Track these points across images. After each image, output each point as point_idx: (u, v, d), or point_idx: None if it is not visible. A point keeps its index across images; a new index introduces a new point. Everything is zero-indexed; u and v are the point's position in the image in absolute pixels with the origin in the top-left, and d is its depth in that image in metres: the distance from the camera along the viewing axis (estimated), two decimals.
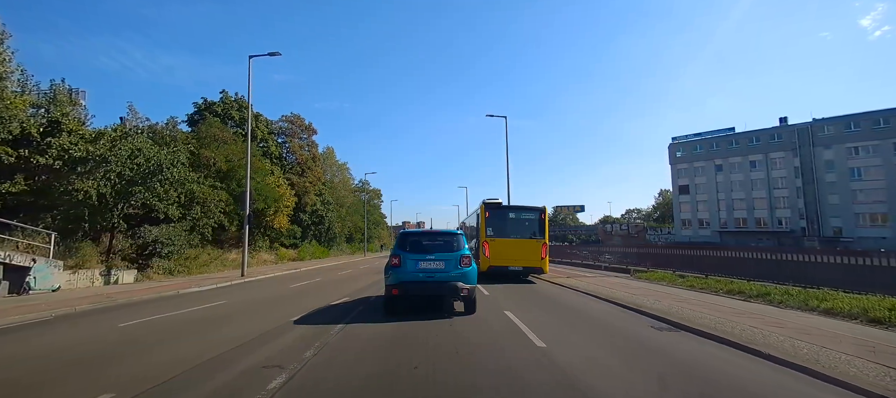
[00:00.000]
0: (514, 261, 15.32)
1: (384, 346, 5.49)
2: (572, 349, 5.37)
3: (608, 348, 5.46)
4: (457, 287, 7.52)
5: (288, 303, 9.73)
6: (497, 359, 4.88)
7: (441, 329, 6.54)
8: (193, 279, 16.43)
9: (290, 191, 30.54)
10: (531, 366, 4.49)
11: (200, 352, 5.15)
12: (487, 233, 15.75)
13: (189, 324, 7.43)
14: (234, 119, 30.56)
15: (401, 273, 7.59)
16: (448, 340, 5.77)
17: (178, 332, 6.69)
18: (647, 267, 18.23)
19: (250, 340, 5.84)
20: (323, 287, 13.55)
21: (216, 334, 6.47)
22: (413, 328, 6.66)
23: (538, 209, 16.31)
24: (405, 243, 8.02)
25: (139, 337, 6.39)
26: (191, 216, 21.01)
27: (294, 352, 5.11)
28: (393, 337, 6.09)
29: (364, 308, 8.79)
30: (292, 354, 5.02)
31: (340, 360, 4.78)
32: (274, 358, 4.87)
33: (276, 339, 5.91)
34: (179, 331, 6.77)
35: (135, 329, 6.98)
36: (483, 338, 6.02)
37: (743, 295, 9.69)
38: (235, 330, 6.71)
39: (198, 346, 5.58)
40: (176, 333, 6.63)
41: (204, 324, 7.41)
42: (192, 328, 7.04)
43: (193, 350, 5.33)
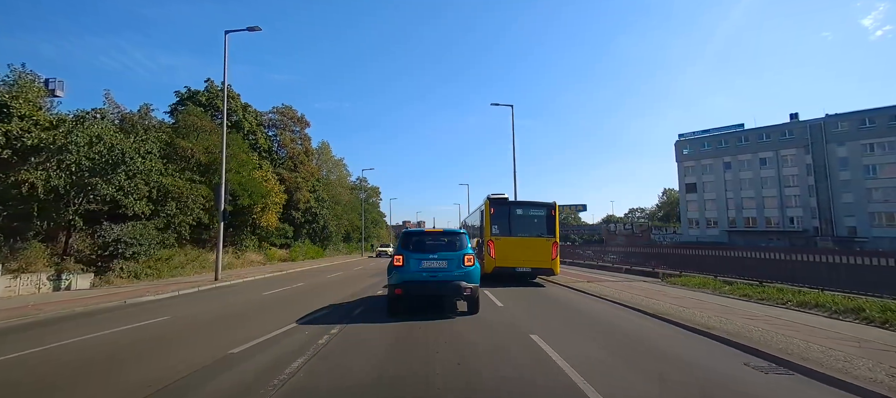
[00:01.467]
0: (522, 262, 13.51)
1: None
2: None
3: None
4: (460, 286, 7.50)
5: (242, 322, 7.70)
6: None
7: (448, 367, 4.54)
8: (159, 284, 14.41)
9: (279, 186, 28.49)
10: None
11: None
12: (492, 231, 13.89)
13: (87, 359, 5.36)
14: (220, 110, 28.46)
15: (404, 273, 7.59)
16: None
17: (55, 376, 4.62)
18: (652, 266, 16.60)
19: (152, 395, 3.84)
20: (300, 295, 11.54)
21: (116, 376, 4.46)
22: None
23: (548, 205, 14.40)
24: (408, 243, 8.01)
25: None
26: (165, 213, 18.98)
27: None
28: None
29: (340, 339, 6.01)
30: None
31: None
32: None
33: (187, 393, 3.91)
34: (56, 374, 4.69)
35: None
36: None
37: (825, 310, 7.67)
38: (145, 370, 4.69)
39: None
40: (51, 377, 4.60)
41: (106, 359, 5.32)
42: (84, 366, 4.99)
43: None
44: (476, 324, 7.06)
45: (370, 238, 66.15)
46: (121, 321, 7.70)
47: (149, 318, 7.89)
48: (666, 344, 5.81)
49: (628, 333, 6.52)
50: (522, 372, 4.46)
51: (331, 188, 47.01)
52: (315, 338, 6.10)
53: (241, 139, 26.29)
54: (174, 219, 19.25)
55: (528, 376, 4.35)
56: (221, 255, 15.04)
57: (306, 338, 6.06)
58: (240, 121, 28.93)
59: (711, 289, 11.22)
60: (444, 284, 7.56)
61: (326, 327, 6.87)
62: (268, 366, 4.66)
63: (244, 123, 29.05)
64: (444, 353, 5.18)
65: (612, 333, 6.53)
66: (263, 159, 30.49)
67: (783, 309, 8.15)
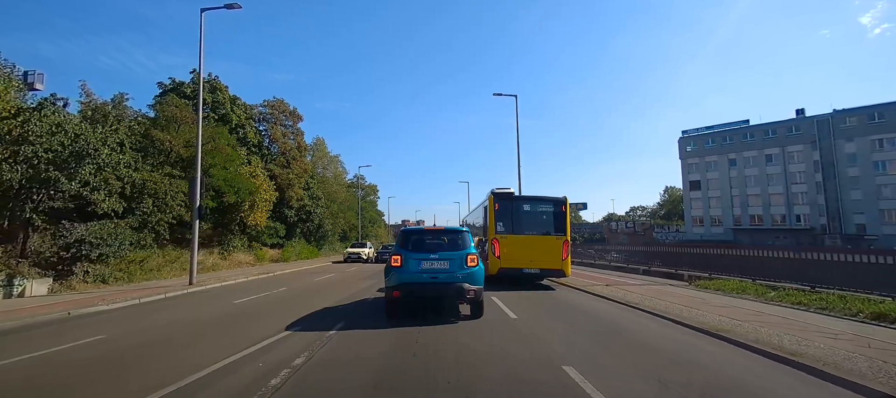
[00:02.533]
0: (530, 263, 12.14)
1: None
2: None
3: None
4: (462, 288, 7.10)
5: (195, 343, 6.18)
6: None
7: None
8: (126, 289, 12.90)
9: (269, 183, 26.94)
10: None
11: None
12: (497, 228, 12.50)
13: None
14: (207, 102, 26.91)
15: (402, 274, 7.19)
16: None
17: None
18: (674, 268, 15.22)
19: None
20: (277, 304, 10.03)
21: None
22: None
23: (558, 200, 12.98)
24: (407, 241, 7.63)
25: None
26: (140, 210, 17.46)
27: None
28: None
29: (316, 374, 4.47)
30: None
31: None
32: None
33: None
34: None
35: None
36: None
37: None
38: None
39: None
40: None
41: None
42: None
43: None
44: (488, 347, 5.61)
45: (368, 237, 64.67)
46: (40, 342, 6.18)
47: (76, 338, 6.33)
48: (751, 379, 4.27)
49: (707, 369, 4.65)
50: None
51: (326, 186, 45.46)
52: (281, 365, 4.65)
53: (228, 133, 24.75)
54: (151, 217, 17.74)
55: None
56: (197, 257, 13.52)
57: (261, 373, 4.55)
58: (227, 114, 27.39)
59: (753, 294, 9.75)
60: (445, 286, 7.14)
61: (287, 358, 5.25)
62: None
63: (232, 117, 27.50)
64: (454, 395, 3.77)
65: (681, 368, 4.66)
66: (253, 154, 28.96)
67: (872, 325, 6.61)
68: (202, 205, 13.63)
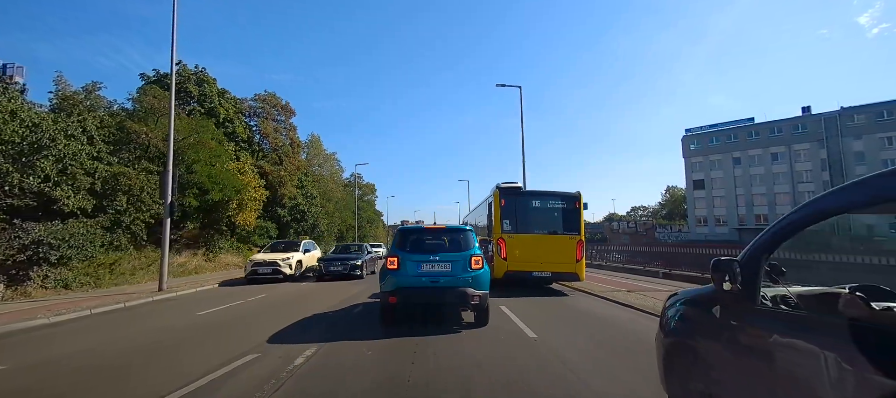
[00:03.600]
0: (540, 265, 10.82)
1: None
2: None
3: None
4: (466, 294, 6.51)
5: (116, 379, 4.78)
6: None
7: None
8: (88, 296, 11.48)
9: (259, 180, 25.51)
10: None
11: None
12: (503, 227, 11.21)
13: None
14: (192, 95, 25.49)
15: (399, 277, 6.65)
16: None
17: None
18: (700, 271, 13.83)
19: None
20: (252, 315, 8.64)
21: None
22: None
23: (571, 195, 11.69)
24: (405, 242, 7.03)
25: None
26: (113, 208, 16.03)
27: None
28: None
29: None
30: None
31: None
32: None
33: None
34: None
35: None
36: None
37: None
38: None
39: None
40: None
41: None
42: None
43: None
44: (503, 375, 4.29)
45: (366, 237, 63.19)
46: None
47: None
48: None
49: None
50: None
51: (322, 184, 43.98)
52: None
53: (214, 126, 23.30)
54: (125, 215, 16.31)
55: None
56: (168, 260, 12.10)
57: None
58: (215, 107, 25.94)
59: None
60: (447, 291, 6.54)
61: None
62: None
63: (220, 110, 26.05)
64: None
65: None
66: (242, 150, 27.53)
67: None
68: (173, 202, 12.24)
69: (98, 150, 15.76)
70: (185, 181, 19.67)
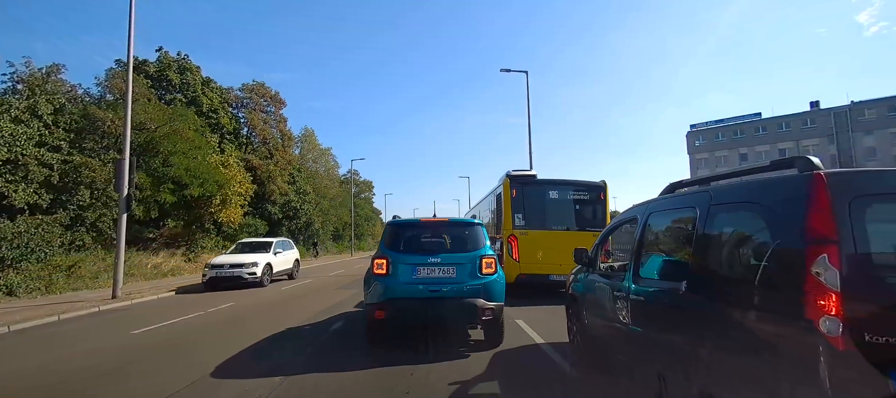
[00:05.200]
0: (559, 267, 9.09)
1: None
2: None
3: None
4: (475, 307, 5.05)
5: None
6: None
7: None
8: (27, 305, 9.80)
9: (245, 175, 23.82)
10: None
11: None
12: (515, 222, 9.61)
13: None
14: (174, 84, 23.77)
15: (389, 285, 5.15)
16: None
17: None
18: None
19: None
20: (206, 332, 6.99)
21: None
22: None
23: (594, 185, 10.09)
24: (397, 239, 5.55)
25: None
26: (74, 203, 14.35)
27: None
28: None
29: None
30: None
31: None
32: None
33: None
34: None
35: None
36: None
37: None
38: None
39: None
40: None
41: None
42: None
43: None
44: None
45: (364, 236, 61.49)
46: None
47: None
48: None
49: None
50: None
51: (316, 180, 42.26)
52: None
53: (195, 116, 21.59)
54: (88, 211, 14.63)
55: None
56: (122, 262, 10.38)
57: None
58: (198, 96, 24.23)
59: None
60: (450, 303, 5.11)
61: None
62: None
63: (203, 100, 24.34)
64: None
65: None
66: (228, 142, 25.84)
67: None
68: (130, 195, 10.56)
69: (56, 139, 14.06)
70: (160, 174, 18.02)
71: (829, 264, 1.91)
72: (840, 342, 1.83)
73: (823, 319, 1.86)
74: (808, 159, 2.51)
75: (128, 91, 10.82)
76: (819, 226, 2.04)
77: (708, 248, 2.82)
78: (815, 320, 1.89)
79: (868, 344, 1.82)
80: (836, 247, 1.95)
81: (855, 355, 1.82)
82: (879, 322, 1.86)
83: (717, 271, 2.71)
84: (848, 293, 1.87)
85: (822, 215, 2.05)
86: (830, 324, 1.85)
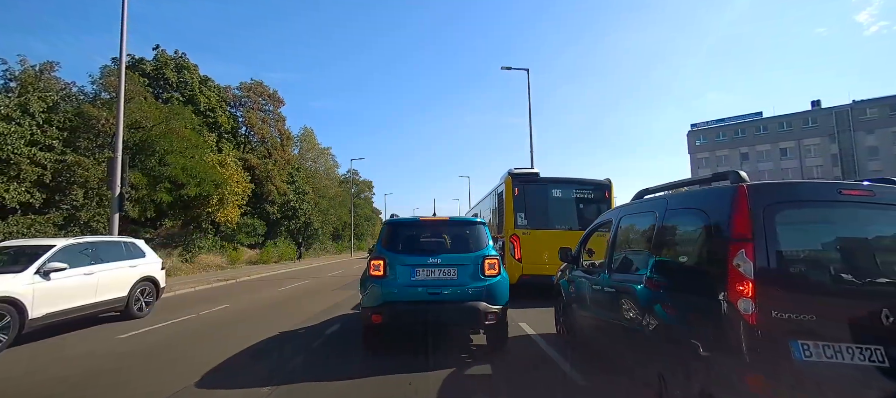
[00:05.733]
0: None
1: None
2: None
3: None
4: (478, 310, 4.79)
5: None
6: None
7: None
8: None
9: (242, 174, 23.57)
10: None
11: None
12: (517, 221, 9.37)
13: None
14: (171, 82, 23.52)
15: (386, 288, 4.90)
16: None
17: None
18: None
19: None
20: (189, 339, 6.73)
21: None
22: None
23: (600, 183, 9.84)
24: (395, 239, 5.32)
25: None
26: (67, 203, 14.11)
27: None
28: None
29: None
30: None
31: None
32: None
33: None
34: None
35: None
36: None
37: None
38: None
39: None
40: None
41: None
42: None
43: None
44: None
45: (363, 236, 61.25)
46: None
47: None
48: None
49: None
50: None
51: (315, 180, 42.00)
52: None
53: (193, 114, 21.34)
54: (82, 211, 14.38)
55: None
56: None
57: None
58: (195, 95, 23.98)
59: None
60: (452, 307, 4.89)
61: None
62: None
63: (200, 98, 24.09)
64: None
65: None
66: (226, 142, 25.59)
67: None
68: (123, 194, 10.31)
69: (49, 138, 13.81)
70: (156, 173, 17.77)
71: (746, 258, 2.41)
72: (753, 318, 2.32)
73: (740, 301, 2.37)
74: (737, 173, 2.96)
75: (120, 87, 10.55)
76: (739, 227, 2.52)
77: (663, 245, 3.37)
78: (734, 301, 2.40)
79: (774, 319, 2.31)
80: (752, 245, 2.43)
81: (764, 327, 2.31)
82: (782, 302, 2.34)
83: (668, 263, 3.28)
84: (759, 280, 2.36)
85: (742, 219, 2.53)
86: (745, 304, 2.35)
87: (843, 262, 2.57)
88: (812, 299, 2.35)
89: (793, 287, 2.40)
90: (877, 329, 2.25)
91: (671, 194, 3.73)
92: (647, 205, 3.87)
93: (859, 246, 2.67)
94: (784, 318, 2.29)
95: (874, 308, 2.29)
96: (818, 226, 2.76)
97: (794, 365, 2.22)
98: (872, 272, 2.50)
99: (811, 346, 2.25)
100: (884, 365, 2.19)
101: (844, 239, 2.68)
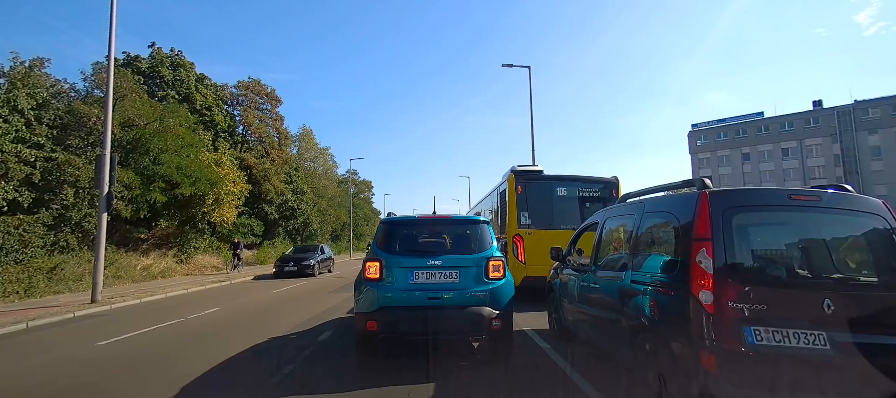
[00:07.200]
0: None
1: None
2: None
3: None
4: (481, 315, 4.42)
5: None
6: None
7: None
8: (7, 310, 9.16)
9: (239, 174, 23.18)
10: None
11: None
12: (520, 220, 9.03)
13: None
14: (166, 80, 23.15)
15: (383, 291, 4.54)
16: None
17: None
18: None
19: None
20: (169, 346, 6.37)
21: None
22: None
23: (607, 181, 9.50)
24: (392, 239, 5.00)
25: None
26: (58, 203, 13.74)
27: None
28: None
29: None
30: None
31: None
32: None
33: None
34: None
35: None
36: None
37: None
38: None
39: None
40: None
41: None
42: None
43: None
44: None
45: (362, 236, 60.85)
46: None
47: None
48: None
49: None
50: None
51: (314, 180, 41.62)
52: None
53: (188, 113, 20.97)
54: (73, 211, 14.01)
55: None
56: (101, 263, 9.72)
57: None
58: (191, 93, 23.62)
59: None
60: (452, 312, 4.47)
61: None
62: None
63: (196, 97, 23.72)
64: None
65: None
66: (223, 140, 25.22)
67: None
68: (111, 193, 9.91)
69: (38, 135, 13.45)
70: (150, 173, 17.40)
71: (707, 255, 2.76)
72: (712, 308, 2.66)
73: (702, 292, 2.72)
74: (703, 180, 3.34)
75: (109, 82, 10.18)
76: (701, 228, 2.86)
77: (640, 244, 3.74)
78: (696, 293, 2.75)
79: (730, 308, 2.63)
80: (711, 244, 2.77)
81: (722, 316, 2.63)
82: (737, 294, 2.65)
83: (645, 261, 3.63)
84: (718, 275, 2.70)
85: (703, 221, 2.86)
86: (706, 296, 2.70)
87: (791, 259, 2.98)
88: (763, 291, 2.66)
89: (747, 280, 2.71)
90: (820, 317, 2.57)
91: (648, 198, 4.04)
92: (628, 209, 4.23)
93: (806, 245, 3.01)
94: (739, 308, 2.61)
95: (818, 299, 2.62)
96: (770, 228, 3.14)
97: (747, 348, 2.55)
98: (817, 268, 2.86)
99: (762, 332, 2.57)
100: (825, 348, 2.51)
101: (793, 239, 3.07)
